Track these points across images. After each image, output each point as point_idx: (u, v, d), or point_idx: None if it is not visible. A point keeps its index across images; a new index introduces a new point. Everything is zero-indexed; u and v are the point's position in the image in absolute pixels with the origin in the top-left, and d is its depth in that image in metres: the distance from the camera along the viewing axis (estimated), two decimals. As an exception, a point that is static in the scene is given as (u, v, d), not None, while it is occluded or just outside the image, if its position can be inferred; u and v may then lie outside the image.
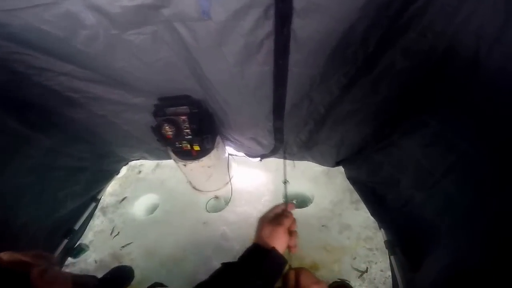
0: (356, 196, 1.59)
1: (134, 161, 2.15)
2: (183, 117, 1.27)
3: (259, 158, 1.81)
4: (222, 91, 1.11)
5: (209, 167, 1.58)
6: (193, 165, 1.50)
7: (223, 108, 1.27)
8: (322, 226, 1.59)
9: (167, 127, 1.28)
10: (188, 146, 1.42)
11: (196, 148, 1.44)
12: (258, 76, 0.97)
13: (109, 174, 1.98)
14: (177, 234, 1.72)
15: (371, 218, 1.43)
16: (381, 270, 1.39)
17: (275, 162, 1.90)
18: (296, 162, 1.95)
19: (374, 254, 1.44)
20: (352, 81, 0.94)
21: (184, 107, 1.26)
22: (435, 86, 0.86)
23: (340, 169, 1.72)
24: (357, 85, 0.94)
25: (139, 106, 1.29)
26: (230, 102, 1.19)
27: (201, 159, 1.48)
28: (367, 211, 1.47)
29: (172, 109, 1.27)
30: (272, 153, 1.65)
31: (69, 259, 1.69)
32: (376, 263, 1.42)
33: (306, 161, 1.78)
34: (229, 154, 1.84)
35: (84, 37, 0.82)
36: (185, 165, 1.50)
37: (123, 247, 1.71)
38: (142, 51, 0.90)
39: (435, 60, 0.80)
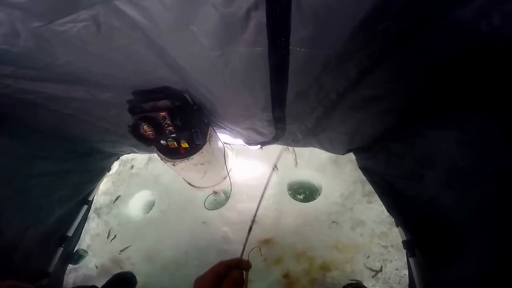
0: (368, 187, 1.43)
1: (126, 155, 2.01)
2: (163, 113, 1.06)
3: (259, 146, 1.63)
4: (204, 80, 0.91)
5: (202, 164, 1.41)
6: (183, 164, 1.32)
7: (210, 100, 1.07)
8: (333, 222, 1.44)
9: (145, 127, 1.08)
10: (175, 143, 1.23)
11: (184, 145, 1.25)
12: (248, 61, 0.74)
13: (99, 172, 1.85)
14: (176, 235, 1.61)
15: (386, 212, 1.29)
16: (396, 269, 1.27)
17: (277, 149, 1.72)
18: (300, 148, 1.77)
19: (389, 251, 1.31)
20: (376, 63, 0.70)
21: (164, 101, 1.05)
22: (487, 77, 0.65)
23: (350, 156, 1.53)
24: (381, 67, 0.71)
25: (109, 102, 1.10)
26: (216, 93, 0.98)
27: (191, 157, 1.30)
28: (381, 204, 1.33)
29: (150, 104, 1.06)
30: (274, 140, 1.46)
31: (70, 266, 1.65)
32: (391, 261, 1.29)
33: (310, 148, 1.60)
34: (224, 144, 1.65)
35: (1, 36, 0.66)
36: (174, 164, 1.33)
37: (121, 251, 1.63)
38: (88, 41, 0.71)
39: (497, 46, 0.58)
